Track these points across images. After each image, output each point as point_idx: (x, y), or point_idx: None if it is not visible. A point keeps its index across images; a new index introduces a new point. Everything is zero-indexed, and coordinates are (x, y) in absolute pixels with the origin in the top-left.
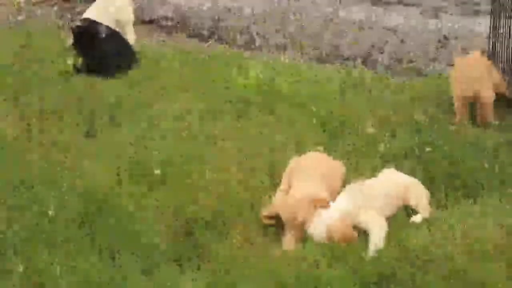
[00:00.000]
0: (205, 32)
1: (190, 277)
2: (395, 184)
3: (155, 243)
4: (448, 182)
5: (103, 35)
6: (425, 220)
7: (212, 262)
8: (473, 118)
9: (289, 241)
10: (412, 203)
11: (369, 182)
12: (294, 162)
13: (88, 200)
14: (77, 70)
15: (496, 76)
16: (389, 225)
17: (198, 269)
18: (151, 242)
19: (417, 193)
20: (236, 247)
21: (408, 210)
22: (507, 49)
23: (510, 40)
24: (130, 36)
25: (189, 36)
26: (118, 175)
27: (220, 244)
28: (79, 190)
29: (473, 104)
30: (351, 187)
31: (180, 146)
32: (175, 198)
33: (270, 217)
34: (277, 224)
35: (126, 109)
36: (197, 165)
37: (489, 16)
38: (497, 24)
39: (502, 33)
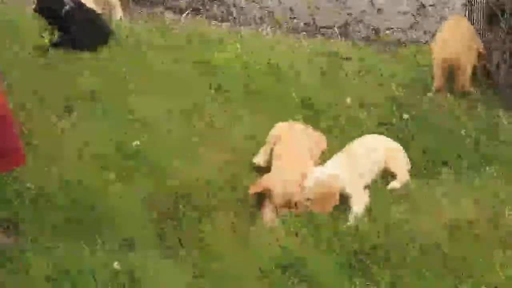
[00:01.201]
0: (181, 5)
1: (173, 263)
2: (376, 149)
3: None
4: (425, 150)
5: (67, 7)
6: (403, 190)
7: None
8: (451, 87)
9: (270, 215)
10: (392, 168)
11: (352, 146)
12: (278, 130)
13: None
14: (54, 45)
15: (479, 43)
16: (370, 194)
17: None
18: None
19: (397, 158)
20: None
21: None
22: (482, 18)
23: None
24: (118, 16)
25: (166, 8)
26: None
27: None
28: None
29: (452, 73)
30: (339, 154)
31: (159, 131)
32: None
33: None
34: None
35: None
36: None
37: None
38: None
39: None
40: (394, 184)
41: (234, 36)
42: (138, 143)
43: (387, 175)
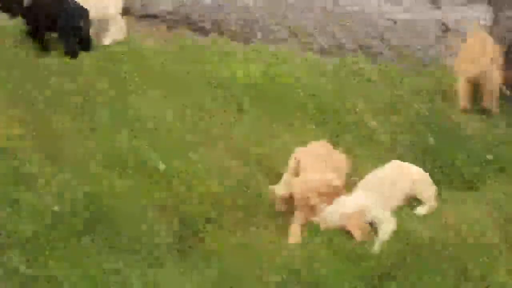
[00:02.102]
0: (207, 26)
1: (192, 270)
2: (402, 176)
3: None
4: (450, 173)
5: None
6: (430, 212)
7: (213, 256)
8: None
9: (295, 231)
10: (419, 195)
11: (377, 174)
12: (301, 151)
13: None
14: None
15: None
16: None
17: (200, 263)
18: (152, 239)
19: (424, 185)
20: (236, 238)
21: (413, 202)
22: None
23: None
24: (118, 33)
25: (191, 30)
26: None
27: (220, 235)
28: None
29: (477, 91)
30: (366, 182)
31: (175, 142)
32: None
33: (283, 202)
34: (286, 212)
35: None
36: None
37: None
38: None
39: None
40: (421, 210)
41: (257, 54)
42: (164, 166)
43: (414, 200)
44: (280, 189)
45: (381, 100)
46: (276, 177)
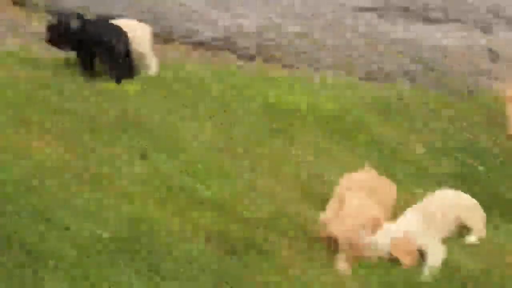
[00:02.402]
0: (251, 52)
1: None
2: (451, 204)
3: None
4: (499, 200)
5: (75, 27)
6: (478, 241)
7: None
8: None
9: (343, 263)
10: (468, 223)
11: (425, 201)
12: (346, 179)
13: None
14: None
15: None
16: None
17: None
18: (198, 263)
19: (473, 213)
20: (283, 268)
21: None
22: None
23: None
24: (151, 69)
25: (235, 55)
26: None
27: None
28: (127, 214)
29: None
30: (414, 209)
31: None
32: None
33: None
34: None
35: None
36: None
37: None
38: None
39: None
40: (471, 239)
41: (302, 80)
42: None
43: (463, 228)
44: (326, 215)
45: (427, 127)
46: (322, 203)
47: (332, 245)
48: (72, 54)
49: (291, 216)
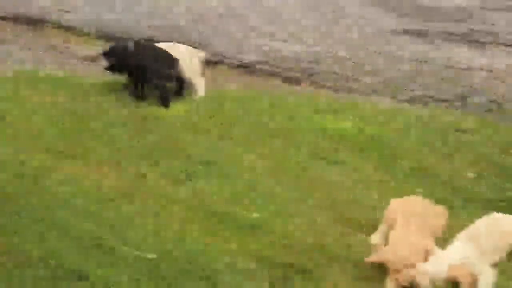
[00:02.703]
0: (298, 75)
1: None
2: (502, 229)
3: None
4: None
5: (132, 49)
6: None
7: None
8: None
9: None
10: None
11: (476, 226)
12: (396, 205)
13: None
14: (137, 97)
15: None
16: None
17: None
18: None
19: None
20: None
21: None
22: None
23: None
24: (199, 90)
25: (281, 79)
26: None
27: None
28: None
29: None
30: (464, 235)
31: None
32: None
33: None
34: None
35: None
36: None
37: None
38: None
39: None
40: None
41: (348, 105)
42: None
43: None
44: (375, 239)
45: (477, 152)
46: (373, 228)
47: (382, 270)
48: (120, 79)
49: (336, 240)
